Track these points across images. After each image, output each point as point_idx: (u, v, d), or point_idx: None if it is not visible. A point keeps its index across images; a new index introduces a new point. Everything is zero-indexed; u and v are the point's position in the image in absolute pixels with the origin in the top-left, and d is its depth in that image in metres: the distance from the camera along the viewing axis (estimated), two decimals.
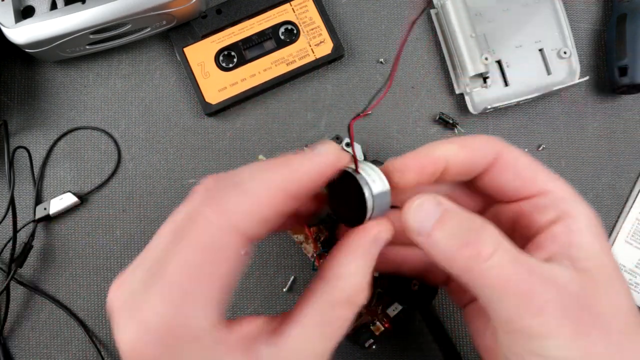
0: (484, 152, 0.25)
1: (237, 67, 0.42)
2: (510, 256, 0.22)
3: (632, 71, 0.42)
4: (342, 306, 0.22)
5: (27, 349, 0.41)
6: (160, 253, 0.20)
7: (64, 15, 0.38)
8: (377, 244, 0.23)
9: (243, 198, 0.20)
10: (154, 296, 0.19)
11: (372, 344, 0.40)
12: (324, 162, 0.22)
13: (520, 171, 0.25)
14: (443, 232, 0.22)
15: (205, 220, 0.19)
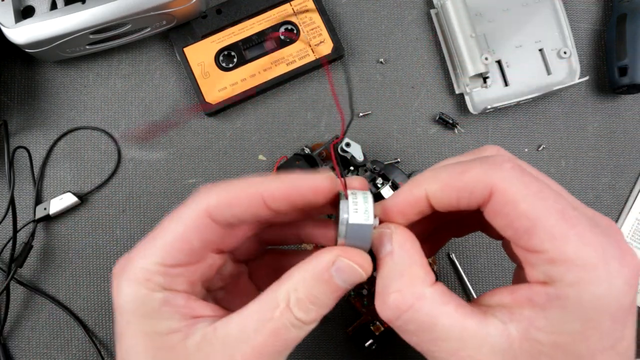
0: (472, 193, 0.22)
1: (237, 67, 0.42)
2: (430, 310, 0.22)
3: (632, 71, 0.42)
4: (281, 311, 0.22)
5: (27, 349, 0.41)
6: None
7: (64, 15, 0.38)
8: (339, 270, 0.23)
9: (221, 192, 0.23)
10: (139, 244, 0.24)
11: (372, 344, 0.40)
12: (301, 184, 0.23)
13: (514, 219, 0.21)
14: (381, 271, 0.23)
15: (190, 199, 0.24)
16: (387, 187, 0.38)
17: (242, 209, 0.23)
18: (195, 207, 0.23)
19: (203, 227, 0.23)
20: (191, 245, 0.23)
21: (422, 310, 0.22)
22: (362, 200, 0.23)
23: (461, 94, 0.44)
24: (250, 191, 0.23)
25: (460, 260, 0.42)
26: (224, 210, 0.23)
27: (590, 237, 0.20)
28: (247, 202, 0.23)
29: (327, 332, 0.41)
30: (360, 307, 0.40)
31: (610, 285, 0.19)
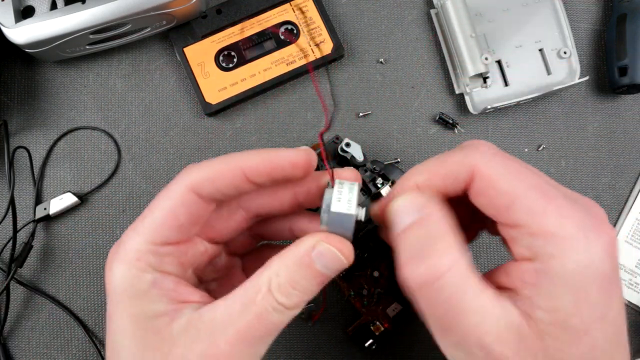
0: (456, 178, 0.23)
1: (237, 67, 0.43)
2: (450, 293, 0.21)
3: (632, 71, 0.42)
4: (263, 295, 0.23)
5: (27, 349, 0.41)
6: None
7: (64, 15, 0.38)
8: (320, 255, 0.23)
9: (204, 168, 0.24)
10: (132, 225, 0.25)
11: (372, 344, 0.40)
12: (279, 157, 0.24)
13: (495, 197, 0.22)
14: (407, 238, 0.23)
15: (172, 182, 0.25)
16: (387, 187, 0.38)
17: (224, 183, 0.24)
18: (179, 184, 0.24)
19: (188, 202, 0.24)
20: (178, 221, 0.24)
21: (455, 279, 0.21)
22: (347, 190, 0.23)
23: (461, 94, 0.44)
24: (230, 165, 0.24)
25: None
26: (207, 184, 0.24)
27: (567, 210, 0.21)
28: (228, 175, 0.24)
29: (327, 332, 0.42)
30: (360, 307, 0.40)
31: (591, 254, 0.20)
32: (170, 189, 0.24)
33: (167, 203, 0.24)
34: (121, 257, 0.24)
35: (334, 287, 0.41)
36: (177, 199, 0.24)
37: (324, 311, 0.41)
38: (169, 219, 0.24)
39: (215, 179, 0.24)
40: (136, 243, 0.24)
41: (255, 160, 0.24)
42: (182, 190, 0.24)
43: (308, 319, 0.41)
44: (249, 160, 0.24)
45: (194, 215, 0.24)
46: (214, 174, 0.24)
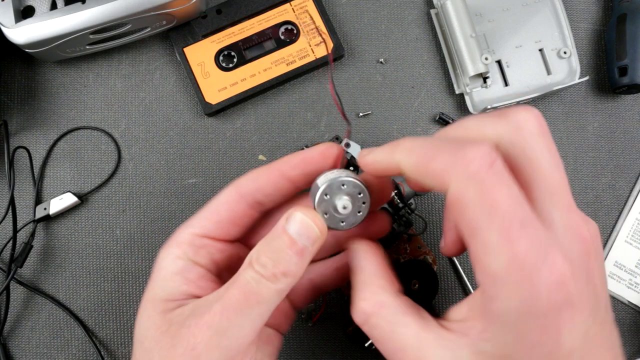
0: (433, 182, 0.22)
1: (237, 67, 0.43)
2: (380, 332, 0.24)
3: (632, 71, 0.42)
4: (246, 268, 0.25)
5: (27, 349, 0.41)
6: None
7: (64, 15, 0.38)
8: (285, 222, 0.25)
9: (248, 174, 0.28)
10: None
11: (372, 343, 0.40)
12: (310, 153, 0.27)
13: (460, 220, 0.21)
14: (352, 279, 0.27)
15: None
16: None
17: (263, 181, 0.27)
18: (227, 188, 0.28)
19: (230, 200, 0.27)
20: (219, 216, 0.27)
21: (384, 317, 0.24)
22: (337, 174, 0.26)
23: (461, 94, 0.44)
24: (270, 168, 0.28)
25: (461, 260, 0.42)
26: (248, 183, 0.27)
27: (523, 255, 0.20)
28: (267, 175, 0.28)
29: (327, 332, 0.41)
30: None
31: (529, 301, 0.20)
32: (220, 192, 0.28)
33: (214, 201, 0.28)
34: (166, 245, 0.27)
35: None
36: (222, 198, 0.28)
37: (324, 311, 0.41)
38: (211, 214, 0.27)
39: (256, 178, 0.28)
40: (180, 233, 0.27)
41: (289, 158, 0.28)
42: (227, 192, 0.28)
43: (308, 319, 0.41)
44: (284, 160, 0.28)
45: (234, 213, 0.27)
46: (255, 176, 0.28)
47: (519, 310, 0.20)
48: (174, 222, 0.42)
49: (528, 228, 0.20)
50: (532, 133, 0.23)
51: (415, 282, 0.40)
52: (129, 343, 0.42)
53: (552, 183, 0.23)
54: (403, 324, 0.23)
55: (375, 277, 0.25)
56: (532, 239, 0.20)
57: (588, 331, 0.21)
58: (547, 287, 0.20)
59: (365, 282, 0.25)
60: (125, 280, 0.42)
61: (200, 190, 0.43)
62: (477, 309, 0.22)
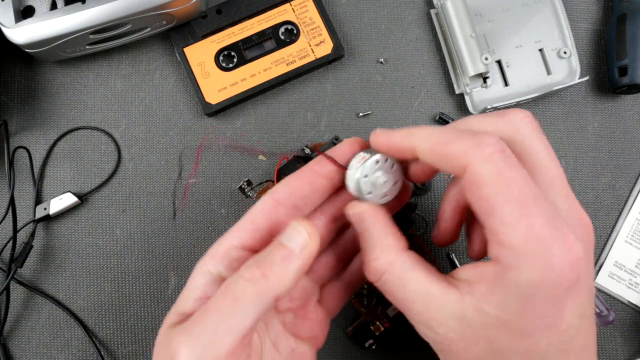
0: (450, 164, 0.24)
1: (237, 67, 0.43)
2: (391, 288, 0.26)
3: (632, 71, 0.42)
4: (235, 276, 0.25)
5: (27, 349, 0.41)
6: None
7: (64, 15, 0.38)
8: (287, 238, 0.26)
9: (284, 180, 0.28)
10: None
11: (372, 344, 0.40)
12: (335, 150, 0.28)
13: (478, 199, 0.23)
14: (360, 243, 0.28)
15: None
16: None
17: (298, 184, 0.27)
18: (263, 196, 0.27)
19: (267, 208, 0.26)
20: (255, 224, 0.26)
21: (395, 273, 0.25)
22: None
23: (461, 94, 0.44)
24: (302, 169, 0.27)
25: (460, 261, 0.42)
26: (283, 189, 0.27)
27: (539, 229, 0.22)
28: (300, 176, 0.27)
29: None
30: (360, 307, 0.40)
31: (544, 274, 0.22)
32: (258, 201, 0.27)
33: (251, 211, 0.27)
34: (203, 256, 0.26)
35: None
36: (258, 206, 0.27)
37: None
38: (247, 224, 0.26)
39: (289, 182, 0.27)
40: (217, 245, 0.26)
41: (318, 157, 0.27)
42: (263, 199, 0.27)
43: None
44: (314, 160, 0.28)
45: (271, 220, 0.27)
46: (288, 180, 0.27)
47: (532, 281, 0.22)
48: (174, 222, 0.42)
49: (541, 204, 0.22)
50: (529, 130, 0.25)
51: None
52: (129, 343, 0.42)
53: (551, 174, 0.25)
54: (412, 277, 0.25)
55: (384, 237, 0.26)
56: (547, 213, 0.22)
57: (584, 312, 0.23)
58: (562, 264, 0.22)
59: (375, 242, 0.26)
60: (125, 280, 0.42)
61: (200, 190, 0.43)
62: (487, 274, 0.24)
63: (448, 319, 0.24)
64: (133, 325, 0.42)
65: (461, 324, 0.24)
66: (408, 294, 0.25)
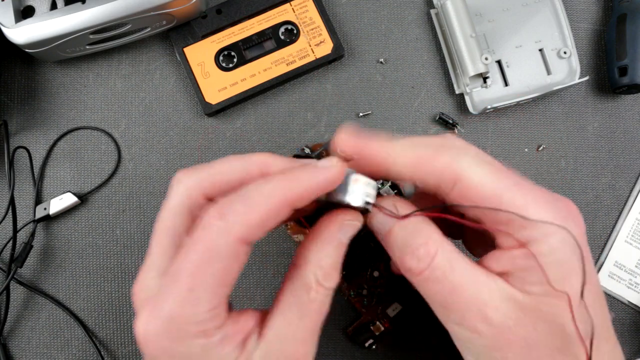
0: (439, 178, 0.24)
1: (237, 67, 0.43)
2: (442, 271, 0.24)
3: (632, 71, 0.42)
4: (315, 289, 0.24)
5: (27, 349, 0.41)
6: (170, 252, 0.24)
7: (64, 15, 0.38)
8: (344, 230, 0.25)
9: (244, 209, 0.22)
10: (167, 295, 0.22)
11: (372, 344, 0.40)
12: (324, 177, 0.24)
13: (480, 201, 0.24)
14: (394, 239, 0.25)
15: (210, 229, 0.22)
16: (387, 187, 0.38)
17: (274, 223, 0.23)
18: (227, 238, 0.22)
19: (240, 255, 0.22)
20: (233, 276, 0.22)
21: (445, 256, 0.24)
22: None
23: (461, 94, 0.44)
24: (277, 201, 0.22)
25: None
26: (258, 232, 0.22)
27: (544, 203, 0.24)
28: (278, 215, 0.23)
29: (327, 332, 0.41)
30: (360, 307, 0.40)
31: (569, 234, 0.23)
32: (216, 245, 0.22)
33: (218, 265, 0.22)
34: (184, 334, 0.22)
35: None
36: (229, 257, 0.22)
37: None
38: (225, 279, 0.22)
39: (266, 223, 0.22)
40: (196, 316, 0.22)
41: (300, 188, 0.23)
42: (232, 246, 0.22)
43: None
44: (293, 188, 0.23)
45: (244, 262, 0.23)
46: (263, 219, 0.22)
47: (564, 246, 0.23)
48: None
49: (533, 185, 0.24)
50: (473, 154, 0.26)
51: None
52: (129, 343, 0.42)
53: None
54: (460, 260, 0.24)
55: (423, 221, 0.25)
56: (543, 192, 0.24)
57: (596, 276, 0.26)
58: (579, 231, 0.24)
59: (418, 230, 0.25)
60: (125, 280, 0.42)
61: None
62: (512, 260, 0.24)
63: (501, 302, 0.23)
64: (133, 325, 0.42)
65: (514, 308, 0.23)
66: (458, 277, 0.24)
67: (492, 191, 0.23)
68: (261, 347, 0.23)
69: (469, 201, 0.24)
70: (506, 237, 0.24)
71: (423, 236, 0.25)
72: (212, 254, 0.22)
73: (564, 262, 0.23)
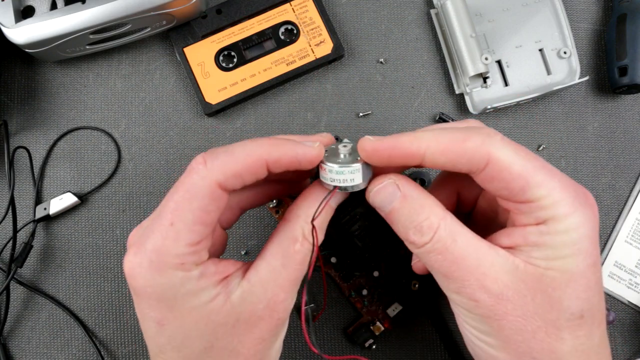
0: (470, 160, 0.25)
1: (237, 67, 0.43)
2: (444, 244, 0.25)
3: (632, 71, 0.42)
4: (300, 242, 0.26)
5: (27, 349, 0.41)
6: (164, 200, 0.26)
7: (64, 15, 0.38)
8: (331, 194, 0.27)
9: (226, 158, 0.25)
10: (151, 231, 0.25)
11: (372, 344, 0.40)
12: (302, 152, 0.26)
13: (510, 181, 0.25)
14: (398, 215, 0.27)
15: (193, 172, 0.25)
16: None
17: (249, 176, 0.26)
18: (206, 181, 0.25)
19: (217, 198, 0.25)
20: (210, 217, 0.25)
21: (447, 228, 0.25)
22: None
23: (461, 94, 0.44)
24: (254, 157, 0.25)
25: None
26: (234, 180, 0.25)
27: (566, 186, 0.25)
28: (253, 168, 0.25)
29: (327, 333, 0.42)
30: (360, 307, 0.40)
31: (585, 217, 0.25)
32: (196, 186, 0.25)
33: (197, 203, 0.25)
34: (163, 266, 0.24)
35: (334, 287, 0.41)
36: (206, 197, 0.25)
37: (324, 311, 0.41)
38: (203, 218, 0.25)
39: (243, 173, 0.25)
40: (177, 248, 0.24)
41: (279, 153, 0.26)
42: (210, 188, 0.25)
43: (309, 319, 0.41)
44: (272, 151, 0.26)
45: (221, 208, 0.26)
46: (240, 168, 0.25)
47: (578, 227, 0.24)
48: None
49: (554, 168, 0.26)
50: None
51: (415, 282, 0.40)
52: (129, 343, 0.42)
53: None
54: (461, 232, 0.25)
55: (427, 197, 0.26)
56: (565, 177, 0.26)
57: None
58: (593, 216, 0.25)
59: (421, 205, 0.26)
60: (125, 280, 0.42)
61: None
62: (524, 236, 0.25)
63: (501, 273, 0.24)
64: (133, 325, 0.42)
65: (515, 279, 0.24)
66: (459, 249, 0.25)
67: (521, 172, 0.24)
68: (242, 286, 0.26)
69: (499, 181, 0.25)
70: (524, 215, 0.25)
71: (426, 211, 0.26)
72: (191, 194, 0.24)
73: (576, 242, 0.24)
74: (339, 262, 0.40)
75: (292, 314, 0.41)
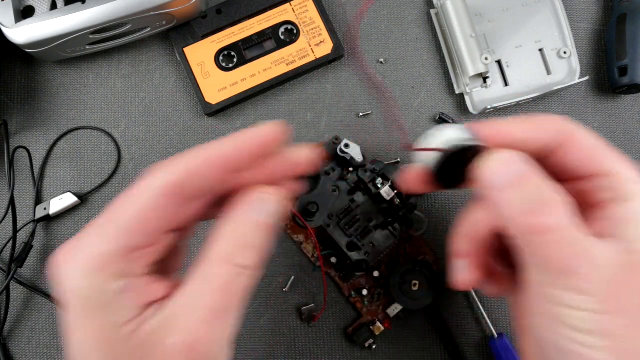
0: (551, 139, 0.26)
1: (237, 67, 0.43)
2: (568, 238, 0.23)
3: (632, 71, 0.42)
4: (220, 265, 0.23)
5: (27, 349, 0.41)
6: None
7: (64, 15, 0.38)
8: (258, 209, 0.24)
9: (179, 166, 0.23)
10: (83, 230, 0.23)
11: (372, 344, 0.40)
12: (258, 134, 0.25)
13: (587, 153, 0.26)
14: (515, 195, 0.24)
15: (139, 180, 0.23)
16: (387, 187, 0.38)
17: (205, 179, 0.23)
18: (151, 186, 0.23)
19: (162, 206, 0.22)
20: (150, 226, 0.22)
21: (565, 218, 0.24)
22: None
23: (461, 94, 0.44)
24: (208, 160, 0.23)
25: None
26: (186, 184, 0.23)
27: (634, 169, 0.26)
28: (209, 169, 0.23)
29: (327, 333, 0.41)
30: (360, 307, 0.40)
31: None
32: (140, 191, 0.23)
33: (136, 207, 0.22)
34: (80, 266, 0.22)
35: (334, 287, 0.41)
36: (149, 203, 0.22)
37: (324, 311, 0.41)
38: (140, 225, 0.22)
39: (195, 176, 0.23)
40: (100, 250, 0.22)
41: (228, 149, 0.24)
42: (154, 193, 0.22)
43: (308, 319, 0.41)
44: (225, 150, 0.24)
45: (167, 217, 0.23)
46: (192, 171, 0.23)
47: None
48: None
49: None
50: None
51: (415, 282, 0.40)
52: None
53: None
54: (576, 234, 0.24)
55: (547, 183, 0.25)
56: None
57: None
58: None
59: (540, 189, 0.24)
60: None
61: None
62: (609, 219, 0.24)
63: (616, 267, 0.23)
64: None
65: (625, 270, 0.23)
66: (571, 250, 0.23)
67: (595, 151, 0.26)
68: (159, 316, 0.22)
69: (575, 159, 0.26)
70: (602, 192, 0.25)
71: (546, 197, 0.24)
72: (128, 199, 0.23)
73: None
74: (339, 262, 0.40)
75: (290, 310, 0.41)
